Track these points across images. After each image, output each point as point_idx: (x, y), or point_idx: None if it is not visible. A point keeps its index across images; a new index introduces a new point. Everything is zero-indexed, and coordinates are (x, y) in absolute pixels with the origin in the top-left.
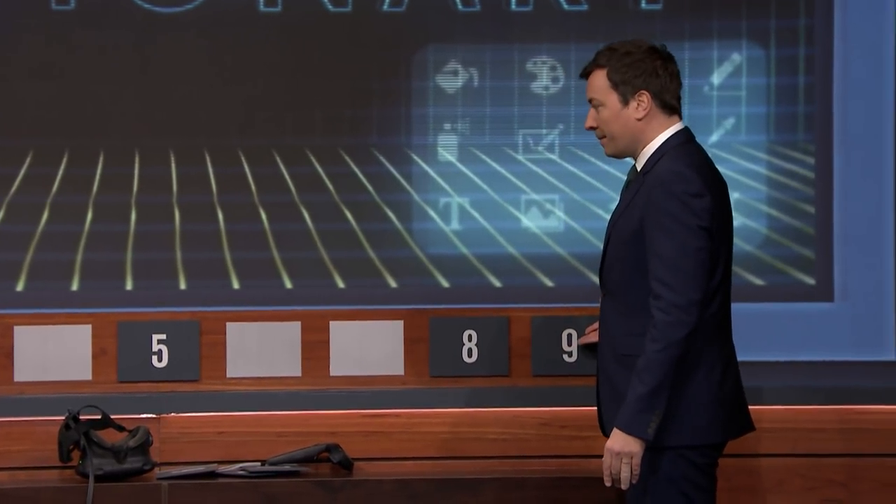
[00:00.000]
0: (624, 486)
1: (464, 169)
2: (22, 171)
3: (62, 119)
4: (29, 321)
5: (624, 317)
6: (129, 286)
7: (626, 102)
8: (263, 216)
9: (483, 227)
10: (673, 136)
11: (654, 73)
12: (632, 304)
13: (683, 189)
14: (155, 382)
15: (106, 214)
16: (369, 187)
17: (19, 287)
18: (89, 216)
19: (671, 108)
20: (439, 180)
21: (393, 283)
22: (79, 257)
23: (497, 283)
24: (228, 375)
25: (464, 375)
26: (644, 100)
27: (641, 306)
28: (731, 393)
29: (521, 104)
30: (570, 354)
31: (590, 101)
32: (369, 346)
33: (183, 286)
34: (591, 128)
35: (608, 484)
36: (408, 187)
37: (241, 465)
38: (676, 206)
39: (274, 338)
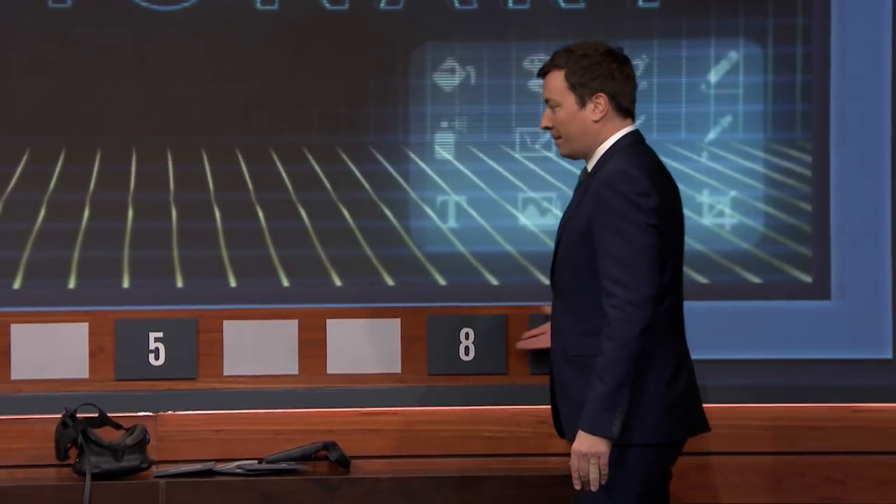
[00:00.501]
0: (594, 488)
1: (461, 167)
2: (19, 169)
3: (59, 117)
4: (26, 319)
5: (575, 317)
6: (126, 284)
7: (582, 104)
8: (260, 214)
9: (480, 225)
10: (622, 137)
11: (610, 76)
12: (582, 304)
13: (631, 189)
14: (152, 381)
15: (103, 212)
16: (366, 185)
17: (16, 285)
18: (86, 214)
19: (626, 110)
20: (436, 178)
21: (390, 282)
22: (76, 255)
23: (494, 282)
24: (225, 373)
25: (461, 373)
26: (601, 102)
27: (592, 307)
28: (683, 393)
29: (519, 102)
30: None
31: (546, 101)
32: (366, 345)
33: (180, 284)
34: (547, 128)
35: (578, 487)
36: (405, 185)
37: (238, 463)
38: (625, 205)
39: (271, 336)
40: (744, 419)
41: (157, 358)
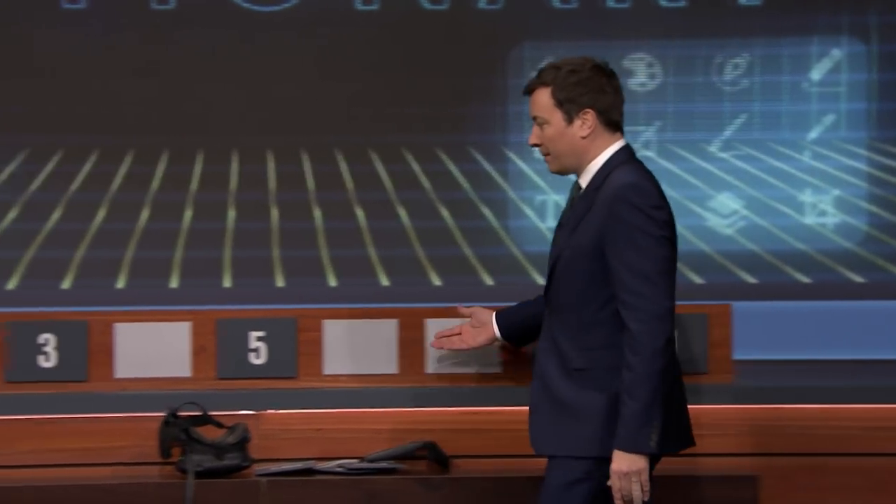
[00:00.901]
0: None
1: None
2: (122, 170)
3: (162, 118)
4: (129, 318)
5: (577, 332)
6: (227, 284)
7: (570, 121)
8: (360, 214)
9: None
10: (617, 152)
11: (600, 91)
12: (586, 319)
13: (645, 202)
14: (253, 379)
15: (205, 212)
16: (465, 185)
17: (120, 284)
18: (188, 214)
19: (615, 125)
20: (535, 178)
21: (489, 281)
22: (178, 255)
23: None
24: (325, 372)
25: None
26: (589, 118)
27: (596, 321)
28: (680, 408)
29: None
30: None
31: (533, 118)
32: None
33: (280, 283)
34: (535, 145)
35: None
36: (504, 185)
37: (339, 461)
38: (640, 218)
39: (370, 335)
40: (846, 420)
41: (257, 357)
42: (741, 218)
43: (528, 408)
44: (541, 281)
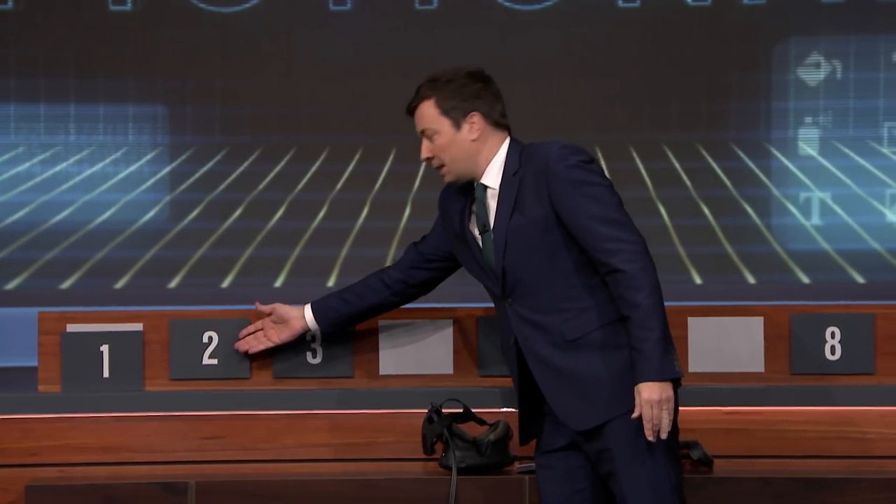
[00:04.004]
0: (664, 434)
1: (825, 163)
2: (385, 168)
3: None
4: (393, 316)
5: (557, 306)
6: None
7: (458, 126)
8: None
9: (845, 221)
10: (511, 145)
11: (478, 95)
12: (561, 291)
13: (582, 158)
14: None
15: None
16: (727, 182)
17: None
18: (406, 213)
19: (501, 125)
20: (800, 175)
21: (752, 279)
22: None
23: (860, 280)
24: None
25: (826, 373)
26: (476, 120)
27: (571, 287)
28: None
29: (887, 96)
30: None
31: (421, 132)
32: (729, 343)
33: None
34: (428, 158)
35: (652, 438)
36: (767, 182)
37: None
38: (586, 173)
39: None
40: None
41: None
42: None
43: (804, 408)
44: (806, 280)
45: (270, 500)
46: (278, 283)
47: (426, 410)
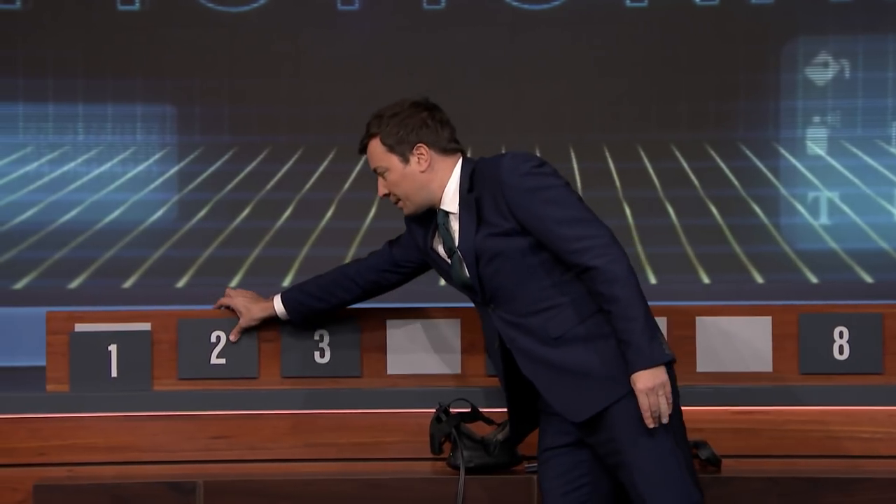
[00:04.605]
0: (665, 419)
1: (833, 162)
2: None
3: None
4: (401, 315)
5: (536, 308)
6: None
7: (406, 160)
8: (627, 211)
9: (854, 221)
10: (464, 165)
11: (423, 125)
12: (537, 293)
13: (532, 163)
14: None
15: None
16: (735, 182)
17: None
18: None
19: (450, 150)
20: (808, 174)
21: (760, 279)
22: None
23: (869, 279)
24: None
25: (835, 373)
26: (423, 151)
27: (544, 288)
28: None
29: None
30: None
31: (374, 170)
32: (737, 343)
33: None
34: (385, 195)
35: (653, 425)
36: (775, 181)
37: None
38: (539, 178)
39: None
40: None
41: None
42: None
43: (812, 408)
44: (814, 280)
45: (278, 499)
46: (286, 282)
47: (434, 410)
